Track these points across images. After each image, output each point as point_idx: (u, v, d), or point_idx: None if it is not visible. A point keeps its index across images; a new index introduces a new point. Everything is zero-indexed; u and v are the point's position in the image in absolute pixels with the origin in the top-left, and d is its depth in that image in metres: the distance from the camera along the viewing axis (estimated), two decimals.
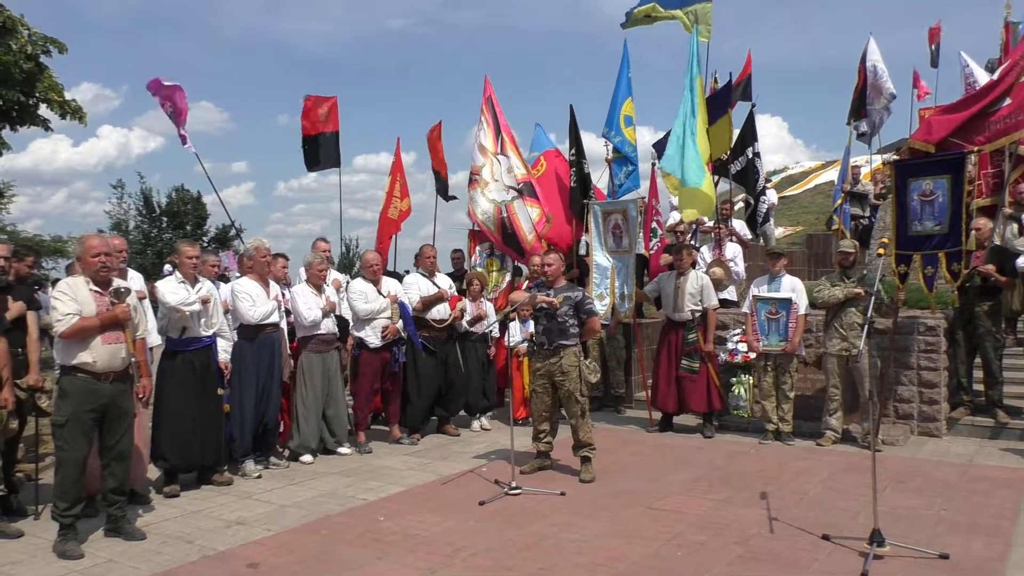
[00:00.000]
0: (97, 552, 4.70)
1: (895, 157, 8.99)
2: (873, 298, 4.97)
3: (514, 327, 7.96)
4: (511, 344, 6.95)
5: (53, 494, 4.79)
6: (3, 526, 5.00)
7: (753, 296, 7.65)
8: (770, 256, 7.88)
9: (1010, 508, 5.25)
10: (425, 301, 7.84)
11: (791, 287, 7.54)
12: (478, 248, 9.73)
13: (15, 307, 5.30)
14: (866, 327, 5.04)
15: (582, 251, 9.52)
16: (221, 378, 6.15)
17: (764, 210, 11.29)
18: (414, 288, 7.89)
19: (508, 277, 9.54)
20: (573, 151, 9.47)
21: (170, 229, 32.08)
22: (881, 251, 5.41)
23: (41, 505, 5.38)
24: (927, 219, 7.22)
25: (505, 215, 9.10)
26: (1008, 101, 7.51)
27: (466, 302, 8.22)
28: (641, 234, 9.39)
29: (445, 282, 8.16)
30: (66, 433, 4.68)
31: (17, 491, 5.48)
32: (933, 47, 16.68)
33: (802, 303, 7.48)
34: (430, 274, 8.07)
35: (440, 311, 7.95)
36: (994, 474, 6.19)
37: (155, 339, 6.40)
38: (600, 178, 9.94)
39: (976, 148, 7.56)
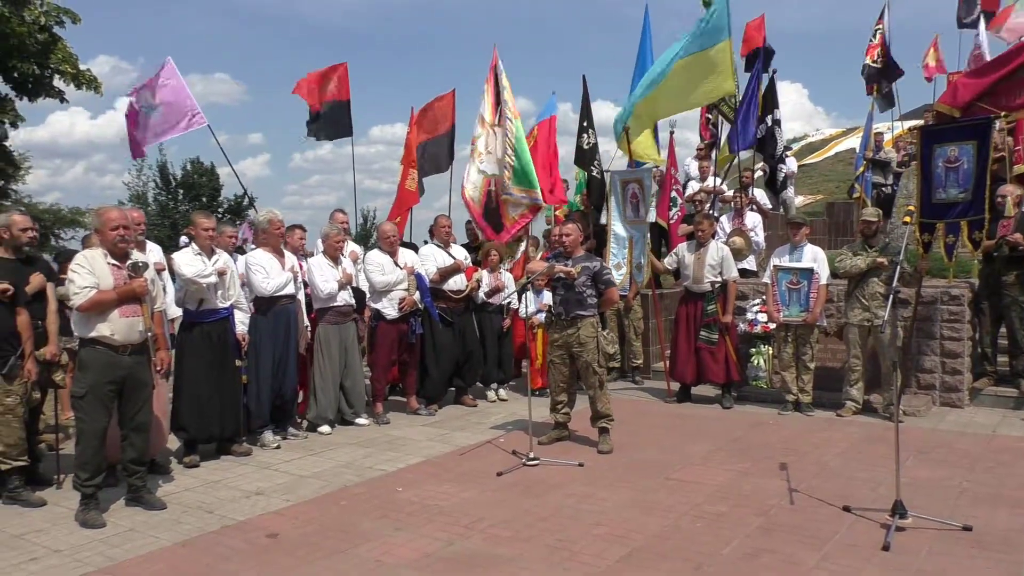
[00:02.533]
0: (118, 521, 4.75)
1: (922, 123, 8.79)
2: (898, 268, 4.85)
3: (528, 297, 7.92)
4: (525, 314, 6.93)
5: (74, 464, 4.84)
6: (26, 495, 5.07)
7: (774, 266, 7.55)
8: (791, 225, 7.75)
9: None
10: (442, 272, 7.81)
11: (813, 257, 7.42)
12: None
13: (36, 280, 5.31)
14: (891, 297, 4.94)
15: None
16: (238, 350, 6.17)
17: (782, 177, 11.18)
18: (430, 259, 7.85)
19: (523, 247, 9.48)
20: (584, 123, 9.48)
21: (186, 201, 32.15)
22: (907, 219, 5.28)
23: (63, 474, 5.44)
24: (951, 186, 7.06)
25: (493, 188, 8.96)
26: None
27: (483, 273, 8.18)
28: (655, 203, 9.31)
29: (460, 253, 8.12)
30: (85, 405, 4.71)
31: (40, 461, 5.54)
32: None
33: (824, 273, 7.37)
34: (445, 245, 8.03)
35: (457, 282, 7.92)
36: (1017, 445, 6.11)
37: (174, 311, 6.41)
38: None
39: (1003, 113, 7.35)
